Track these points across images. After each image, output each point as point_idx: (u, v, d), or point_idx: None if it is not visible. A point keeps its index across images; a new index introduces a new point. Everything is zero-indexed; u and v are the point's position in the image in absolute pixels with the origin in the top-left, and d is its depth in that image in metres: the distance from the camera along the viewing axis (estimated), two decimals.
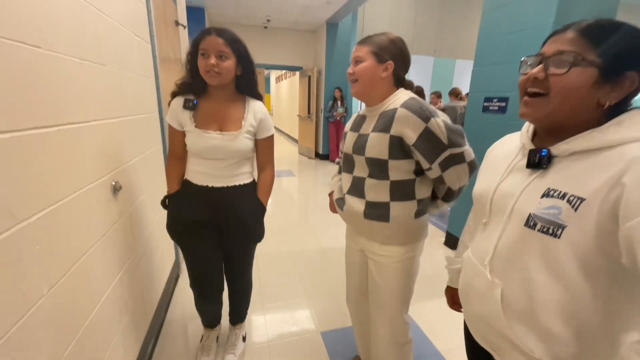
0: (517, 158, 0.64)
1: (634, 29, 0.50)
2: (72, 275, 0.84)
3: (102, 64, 1.09)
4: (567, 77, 0.51)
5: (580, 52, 0.51)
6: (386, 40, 0.94)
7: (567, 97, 0.52)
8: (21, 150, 0.67)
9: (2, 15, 0.63)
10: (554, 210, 0.51)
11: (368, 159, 0.96)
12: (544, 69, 0.54)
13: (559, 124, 0.56)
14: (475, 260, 0.67)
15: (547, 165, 0.56)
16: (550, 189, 0.53)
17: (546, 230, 0.52)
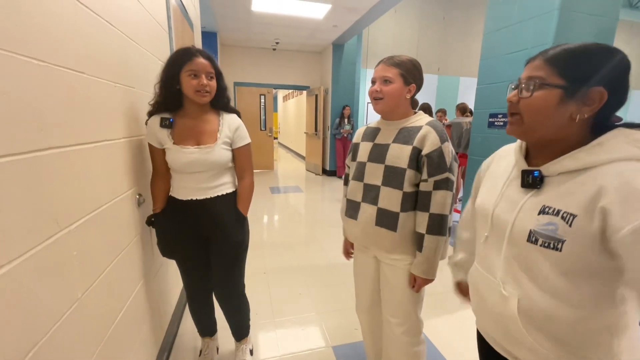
0: (512, 174, 0.68)
1: (598, 50, 0.56)
2: (102, 280, 0.89)
3: (131, 87, 1.19)
4: (532, 99, 0.59)
5: (545, 77, 0.57)
6: (410, 64, 1.04)
7: (535, 115, 0.59)
8: (67, 164, 0.74)
9: (57, 47, 0.72)
10: (552, 226, 0.56)
11: (388, 166, 1.04)
12: (518, 93, 0.61)
13: (545, 139, 0.61)
14: (487, 273, 0.70)
15: (541, 185, 0.60)
16: (545, 206, 0.57)
17: (548, 245, 0.56)
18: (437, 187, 0.99)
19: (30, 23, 0.63)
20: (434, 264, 1.05)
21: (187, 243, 1.28)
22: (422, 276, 1.05)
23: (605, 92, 0.54)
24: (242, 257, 1.37)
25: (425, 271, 1.04)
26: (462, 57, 9.83)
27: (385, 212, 1.06)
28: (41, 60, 0.66)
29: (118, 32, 1.07)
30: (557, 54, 0.58)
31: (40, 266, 0.64)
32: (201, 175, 1.19)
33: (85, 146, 0.83)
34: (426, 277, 1.05)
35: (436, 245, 1.02)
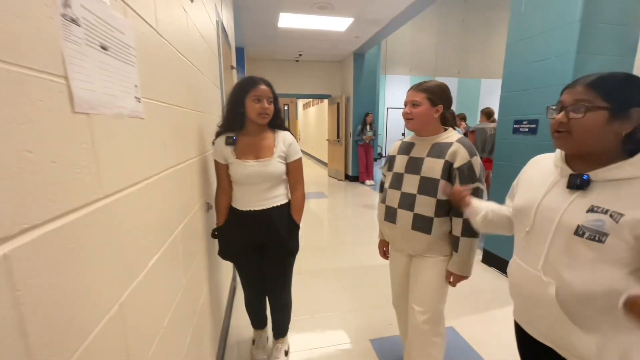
0: (555, 178, 0.79)
1: (628, 76, 0.70)
2: (193, 271, 1.10)
3: (201, 111, 1.42)
4: (584, 120, 0.70)
5: (591, 100, 0.69)
6: (436, 87, 1.21)
7: (586, 133, 0.71)
8: (179, 176, 0.96)
9: (169, 91, 0.94)
10: (600, 222, 0.67)
11: (423, 177, 1.21)
12: (566, 114, 0.74)
13: (586, 151, 0.73)
14: (526, 266, 0.81)
15: (586, 188, 0.72)
16: (594, 206, 0.69)
17: (593, 238, 0.67)
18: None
19: (158, 77, 0.84)
20: (469, 262, 1.20)
21: (245, 249, 1.46)
22: (458, 273, 1.21)
23: None
24: (292, 262, 1.54)
25: (461, 269, 1.20)
26: (483, 58, 9.74)
27: (420, 217, 1.22)
28: (163, 102, 0.88)
29: (196, 69, 1.30)
30: (597, 80, 0.70)
31: (168, 257, 0.85)
32: (259, 187, 1.36)
33: (183, 164, 1.05)
34: (462, 274, 1.21)
35: (470, 245, 1.18)
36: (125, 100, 0.62)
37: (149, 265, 0.70)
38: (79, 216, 0.45)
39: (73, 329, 0.43)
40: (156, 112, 0.81)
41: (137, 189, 0.66)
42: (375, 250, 3.12)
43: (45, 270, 0.38)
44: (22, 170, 0.35)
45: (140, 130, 0.69)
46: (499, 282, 2.50)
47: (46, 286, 0.38)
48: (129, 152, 0.64)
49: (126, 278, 0.59)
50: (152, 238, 0.73)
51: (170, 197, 0.90)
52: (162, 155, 0.84)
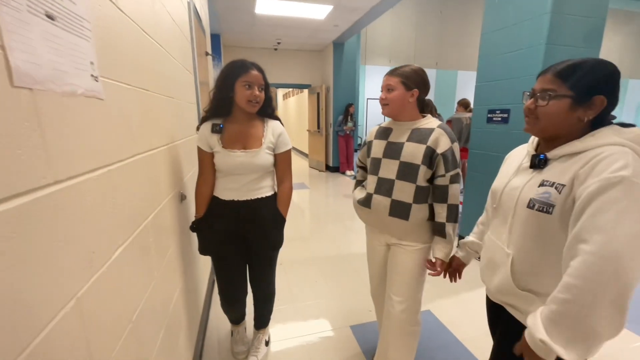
0: (524, 161, 0.86)
1: (596, 64, 0.73)
2: (166, 264, 1.06)
3: (172, 97, 1.35)
4: (548, 107, 0.75)
5: (556, 89, 0.74)
6: (411, 71, 1.19)
7: (550, 119, 0.76)
8: (147, 166, 0.91)
9: (135, 73, 0.88)
10: (546, 194, 0.73)
11: (403, 162, 1.20)
12: (534, 101, 0.78)
13: (553, 135, 0.78)
14: (495, 239, 0.89)
15: (544, 166, 0.78)
16: (544, 180, 0.75)
17: (542, 209, 0.73)
18: (452, 181, 1.16)
19: (121, 55, 0.78)
20: (452, 248, 1.22)
21: (226, 242, 1.38)
22: (445, 259, 1.21)
23: (605, 99, 0.71)
24: (277, 255, 1.51)
25: (448, 254, 1.21)
26: (459, 51, 9.94)
27: (398, 203, 1.20)
28: (128, 84, 0.82)
29: (164, 51, 1.22)
30: (564, 69, 0.74)
31: (137, 247, 0.80)
32: (245, 178, 1.30)
33: (153, 151, 0.99)
34: (446, 259, 1.21)
35: (453, 231, 1.20)
36: (79, 78, 0.56)
37: (113, 257, 0.66)
38: (22, 202, 0.40)
39: (20, 326, 0.39)
40: (119, 93, 0.75)
41: (97, 175, 0.61)
42: (356, 239, 3.19)
43: None
44: None
45: (99, 112, 0.64)
46: (472, 265, 2.60)
47: None
48: (86, 134, 0.58)
49: (84, 271, 0.55)
50: (116, 229, 0.69)
51: (138, 185, 0.85)
52: (129, 141, 0.79)
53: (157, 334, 0.94)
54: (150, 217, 0.93)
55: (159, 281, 0.98)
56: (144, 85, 0.94)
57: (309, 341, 1.74)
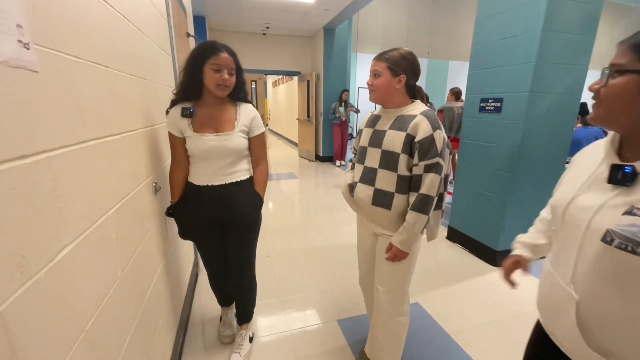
0: (599, 169, 0.61)
1: None
2: (134, 261, 0.96)
3: (143, 78, 1.22)
4: (608, 87, 0.55)
5: (625, 64, 0.53)
6: (399, 56, 1.12)
7: (612, 103, 0.55)
8: (103, 154, 0.80)
9: (87, 43, 0.76)
10: (635, 228, 0.49)
11: (384, 151, 1.15)
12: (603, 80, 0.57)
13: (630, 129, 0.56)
14: (556, 274, 0.65)
15: (632, 183, 0.53)
16: (635, 207, 0.51)
17: (625, 247, 0.50)
18: (427, 170, 1.09)
19: (66, 22, 0.67)
20: (411, 238, 1.13)
21: (204, 227, 1.36)
22: (397, 245, 1.14)
23: None
24: (255, 239, 1.47)
25: (401, 242, 1.14)
26: (451, 41, 9.85)
27: (381, 192, 1.16)
28: (77, 56, 0.70)
29: (131, 25, 1.09)
30: None
31: (91, 246, 0.70)
32: (219, 162, 1.26)
33: (115, 137, 0.88)
34: (400, 247, 1.14)
35: (415, 221, 1.10)
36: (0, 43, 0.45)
37: (55, 259, 0.56)
38: None
39: None
40: (64, 67, 0.64)
41: (29, 162, 0.51)
42: (345, 230, 3.14)
43: None
44: None
45: (32, 87, 0.53)
46: (462, 258, 2.59)
47: None
48: (10, 113, 0.48)
49: (9, 281, 0.45)
50: (60, 226, 0.59)
51: (94, 175, 0.74)
52: (77, 124, 0.68)
53: (124, 334, 0.85)
54: (112, 211, 0.83)
55: (125, 279, 0.88)
56: (101, 60, 0.82)
57: (294, 336, 1.69)
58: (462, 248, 2.74)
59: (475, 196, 2.57)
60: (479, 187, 2.53)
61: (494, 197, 2.39)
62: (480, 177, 2.51)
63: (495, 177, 2.36)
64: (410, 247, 1.15)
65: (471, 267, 2.44)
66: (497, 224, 2.37)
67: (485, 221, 2.49)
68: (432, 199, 1.09)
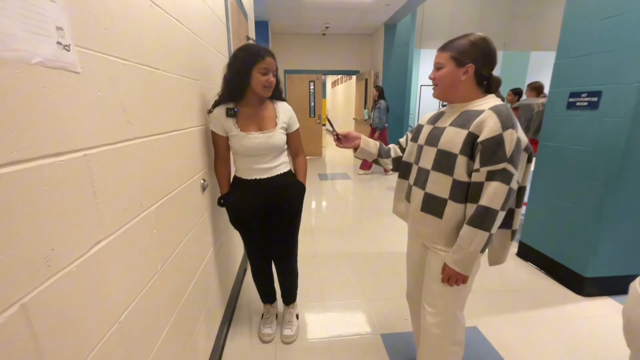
0: None
1: None
2: (175, 256, 1.00)
3: (196, 79, 1.28)
4: None
5: None
6: (467, 43, 0.97)
7: None
8: (148, 152, 0.83)
9: (137, 47, 0.79)
10: None
11: (439, 150, 1.01)
12: None
13: None
14: None
15: None
16: None
17: None
18: (490, 178, 0.91)
19: (116, 27, 0.70)
20: (467, 257, 0.95)
21: (252, 217, 1.45)
22: (452, 266, 0.98)
23: None
24: (299, 225, 1.57)
25: (457, 262, 0.96)
26: (534, 29, 8.66)
27: (432, 197, 1.03)
28: (125, 59, 0.73)
29: (185, 29, 1.14)
30: None
31: (129, 241, 0.73)
32: (263, 158, 1.36)
33: (161, 136, 0.92)
34: (456, 268, 0.97)
35: (471, 238, 0.92)
36: (35, 44, 0.48)
37: (88, 253, 0.59)
38: None
39: None
40: (109, 68, 0.67)
41: (66, 159, 0.53)
42: (397, 237, 2.95)
43: None
44: None
45: (72, 88, 0.56)
46: (535, 280, 2.21)
47: None
48: (47, 112, 0.50)
49: (36, 272, 0.47)
50: (97, 221, 0.61)
51: (137, 172, 0.77)
52: (121, 123, 0.71)
53: (160, 326, 0.88)
54: (155, 206, 0.86)
55: (165, 273, 0.92)
56: (150, 62, 0.85)
57: (334, 343, 1.62)
58: (536, 268, 2.34)
59: (556, 208, 2.16)
60: (561, 198, 2.12)
61: (582, 211, 1.98)
62: (563, 186, 2.10)
63: (586, 187, 1.94)
64: (469, 269, 0.97)
65: (548, 292, 2.06)
66: (587, 245, 1.96)
67: (569, 240, 2.08)
68: (495, 213, 0.90)
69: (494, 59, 0.99)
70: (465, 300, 1.10)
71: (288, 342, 1.62)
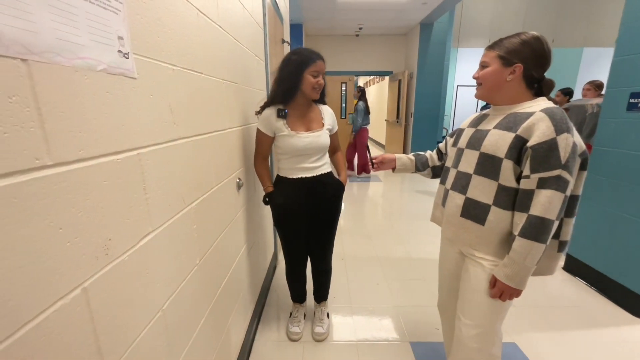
0: None
1: None
2: (212, 251, 1.05)
3: (235, 82, 1.33)
4: None
5: None
6: (517, 42, 0.92)
7: None
8: (190, 152, 0.89)
9: (184, 52, 0.84)
10: None
11: (482, 154, 0.96)
12: None
13: None
14: None
15: None
16: None
17: None
18: (542, 186, 0.84)
19: (167, 35, 0.75)
20: (522, 272, 0.89)
21: (296, 216, 1.48)
22: (504, 281, 0.92)
23: None
24: (336, 225, 1.60)
25: (510, 277, 0.90)
26: (587, 23, 7.96)
27: (473, 202, 0.98)
28: (174, 64, 0.79)
29: (226, 34, 1.20)
30: None
31: (172, 235, 0.78)
32: (309, 157, 1.41)
33: (203, 136, 0.97)
34: (510, 284, 0.91)
35: (526, 251, 0.87)
36: (100, 52, 0.52)
37: (138, 245, 0.63)
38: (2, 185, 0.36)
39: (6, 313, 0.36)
40: (160, 73, 0.72)
41: (122, 158, 0.58)
42: (428, 242, 2.85)
43: None
44: None
45: (129, 92, 0.61)
46: (584, 297, 2.02)
47: None
48: (109, 114, 0.55)
49: (95, 260, 0.52)
50: (145, 215, 0.66)
51: (181, 170, 0.82)
52: (168, 124, 0.76)
53: (198, 318, 0.93)
54: (195, 203, 0.91)
55: (203, 267, 0.96)
56: (195, 67, 0.91)
57: (361, 348, 1.60)
58: (585, 284, 2.15)
59: (611, 219, 1.97)
60: (617, 209, 1.93)
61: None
62: (620, 196, 1.91)
63: None
64: (524, 283, 0.92)
65: (598, 311, 1.88)
66: None
67: (625, 254, 1.89)
68: (551, 224, 0.84)
69: (548, 60, 0.92)
70: (506, 313, 1.03)
71: (319, 339, 1.63)
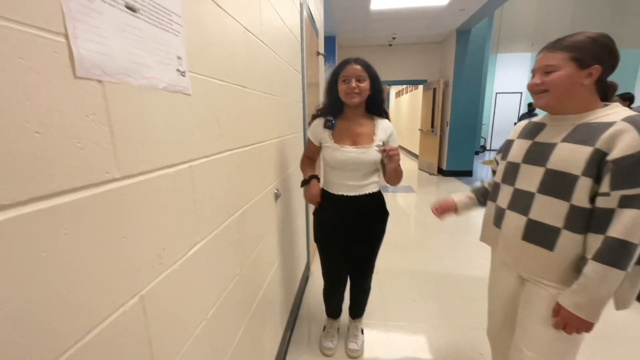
0: None
1: None
2: (251, 261, 1.06)
3: (274, 95, 1.37)
4: None
5: None
6: (586, 40, 0.81)
7: None
8: (234, 163, 0.91)
9: (231, 69, 0.88)
10: None
11: (550, 170, 0.86)
12: None
13: None
14: None
15: None
16: None
17: None
18: (625, 205, 0.75)
19: (218, 53, 0.79)
20: (595, 301, 0.78)
21: (335, 234, 1.44)
22: (572, 311, 0.81)
23: None
24: (379, 248, 1.53)
25: (580, 306, 0.79)
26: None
27: (538, 225, 0.87)
28: (222, 80, 0.82)
29: (268, 49, 1.24)
30: None
31: (217, 245, 0.80)
32: (353, 174, 1.33)
33: (246, 148, 0.99)
34: (580, 314, 0.80)
35: (602, 277, 0.76)
36: (162, 72, 0.56)
37: (188, 254, 0.65)
38: (75, 198, 0.39)
39: (72, 320, 0.38)
40: (210, 90, 0.75)
41: (176, 170, 0.61)
42: (466, 257, 2.69)
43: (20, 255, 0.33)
44: None
45: (185, 108, 0.64)
46: None
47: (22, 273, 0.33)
48: (167, 129, 0.58)
49: (152, 269, 0.54)
50: (195, 225, 0.69)
51: (225, 181, 0.85)
52: (216, 137, 0.79)
53: (237, 327, 0.94)
54: (238, 213, 0.93)
55: (242, 277, 0.98)
56: (240, 82, 0.94)
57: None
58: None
59: None
60: None
61: None
62: None
63: None
64: (597, 316, 0.80)
65: None
66: None
67: None
68: (634, 248, 0.74)
69: (618, 59, 0.82)
70: (578, 347, 0.91)
71: (353, 356, 1.58)
